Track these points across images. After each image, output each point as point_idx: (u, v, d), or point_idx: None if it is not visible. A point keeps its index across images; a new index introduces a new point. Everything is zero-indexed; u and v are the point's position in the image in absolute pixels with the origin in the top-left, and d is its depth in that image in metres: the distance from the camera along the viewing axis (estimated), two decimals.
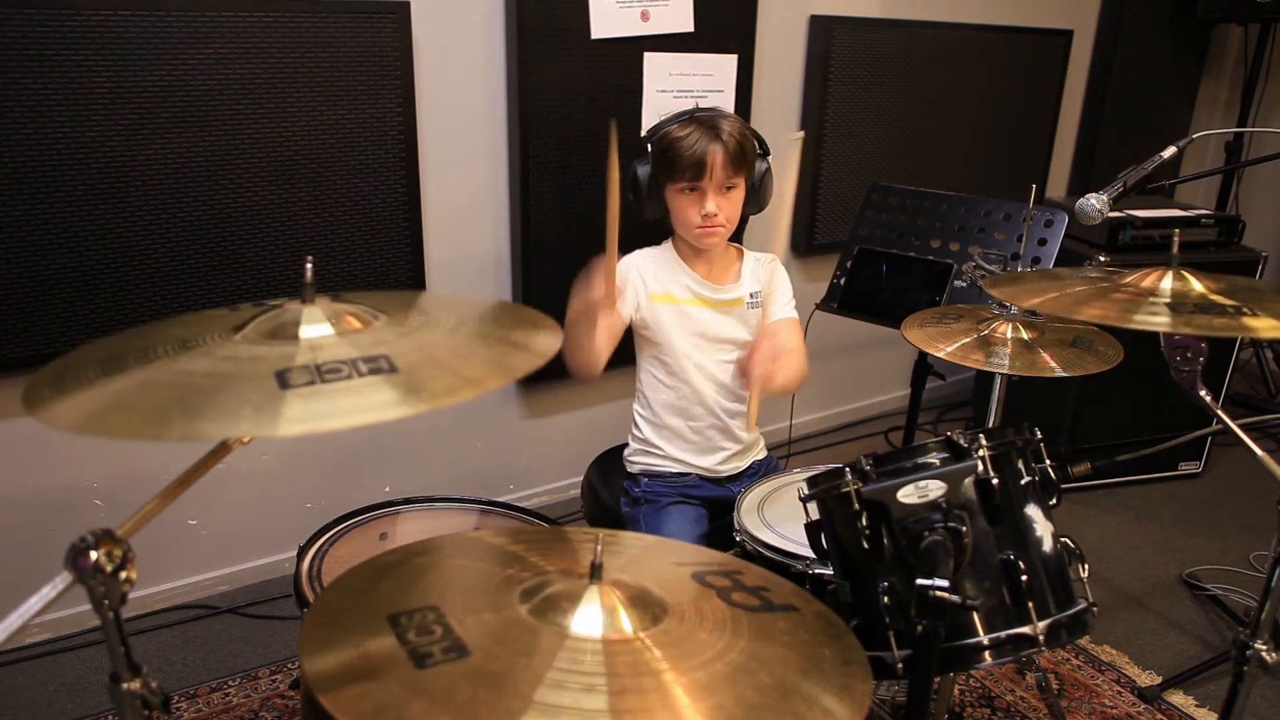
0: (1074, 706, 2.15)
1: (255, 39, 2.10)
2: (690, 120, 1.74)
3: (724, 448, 1.90)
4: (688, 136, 1.71)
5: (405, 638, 0.83)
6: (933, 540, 1.10)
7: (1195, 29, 3.93)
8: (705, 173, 1.70)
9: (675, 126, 1.74)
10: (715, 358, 1.85)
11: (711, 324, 1.84)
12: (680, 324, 1.83)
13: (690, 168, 1.70)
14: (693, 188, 1.73)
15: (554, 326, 1.00)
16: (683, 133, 1.71)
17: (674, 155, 1.71)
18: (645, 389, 1.91)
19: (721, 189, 1.74)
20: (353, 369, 0.81)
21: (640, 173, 1.79)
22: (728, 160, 1.71)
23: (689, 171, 1.71)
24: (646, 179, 1.78)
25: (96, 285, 2.06)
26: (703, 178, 1.71)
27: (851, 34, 3.04)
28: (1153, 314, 1.22)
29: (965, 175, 3.42)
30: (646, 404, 1.91)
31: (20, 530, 2.14)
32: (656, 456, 1.90)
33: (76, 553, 0.78)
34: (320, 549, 1.57)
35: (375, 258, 2.38)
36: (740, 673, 0.84)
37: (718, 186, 1.73)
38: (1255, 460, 1.31)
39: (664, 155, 1.73)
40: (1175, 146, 1.92)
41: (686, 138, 1.71)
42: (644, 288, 1.81)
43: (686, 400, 1.86)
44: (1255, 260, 3.00)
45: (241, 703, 2.06)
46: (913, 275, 2.29)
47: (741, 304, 1.86)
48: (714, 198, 1.73)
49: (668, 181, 1.75)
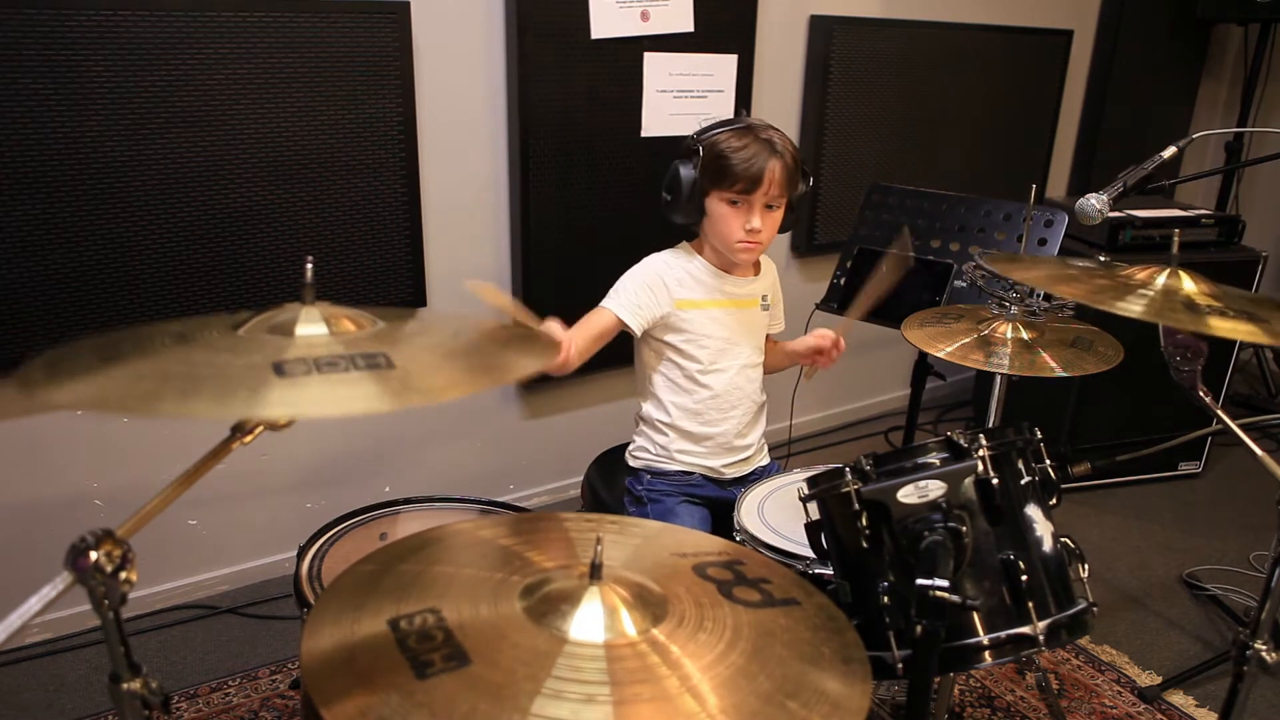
0: (1074, 706, 2.15)
1: (256, 39, 2.09)
2: (747, 130, 1.71)
3: (735, 450, 1.90)
4: (746, 147, 1.68)
5: (406, 644, 0.83)
6: (933, 540, 1.10)
7: (1195, 29, 3.93)
8: (759, 187, 1.68)
9: (731, 134, 1.70)
10: (736, 362, 1.85)
11: (734, 327, 1.84)
12: (705, 329, 1.82)
13: (746, 179, 1.68)
14: (740, 201, 1.71)
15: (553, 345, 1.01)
16: (740, 142, 1.68)
17: (729, 164, 1.68)
18: (659, 391, 1.87)
19: (765, 206, 1.72)
20: (350, 363, 0.81)
21: (684, 174, 1.73)
22: (784, 177, 1.70)
23: (743, 183, 1.68)
24: (690, 182, 1.73)
25: (96, 285, 2.06)
26: (755, 191, 1.69)
27: (851, 34, 3.04)
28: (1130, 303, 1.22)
29: (965, 175, 3.42)
30: (660, 405, 1.87)
31: (20, 530, 2.14)
32: (663, 454, 1.89)
33: (76, 553, 0.78)
34: (320, 549, 1.57)
35: (375, 258, 2.38)
36: (740, 677, 0.84)
37: (765, 203, 1.71)
38: (1255, 460, 1.31)
39: (717, 161, 1.69)
40: (1175, 146, 1.92)
41: (745, 148, 1.68)
42: (668, 295, 1.79)
43: (705, 405, 1.85)
44: (1255, 260, 3.00)
45: (241, 703, 2.06)
46: (913, 275, 2.29)
47: (756, 305, 1.88)
48: (760, 214, 1.71)
49: (714, 189, 1.72)
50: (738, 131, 1.71)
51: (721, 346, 1.83)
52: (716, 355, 1.83)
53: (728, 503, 1.79)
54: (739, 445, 1.89)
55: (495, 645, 0.84)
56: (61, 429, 2.13)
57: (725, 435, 1.87)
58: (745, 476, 1.92)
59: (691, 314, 1.81)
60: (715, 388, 1.83)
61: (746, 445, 1.91)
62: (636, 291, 1.77)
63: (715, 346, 1.83)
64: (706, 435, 1.86)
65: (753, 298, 1.88)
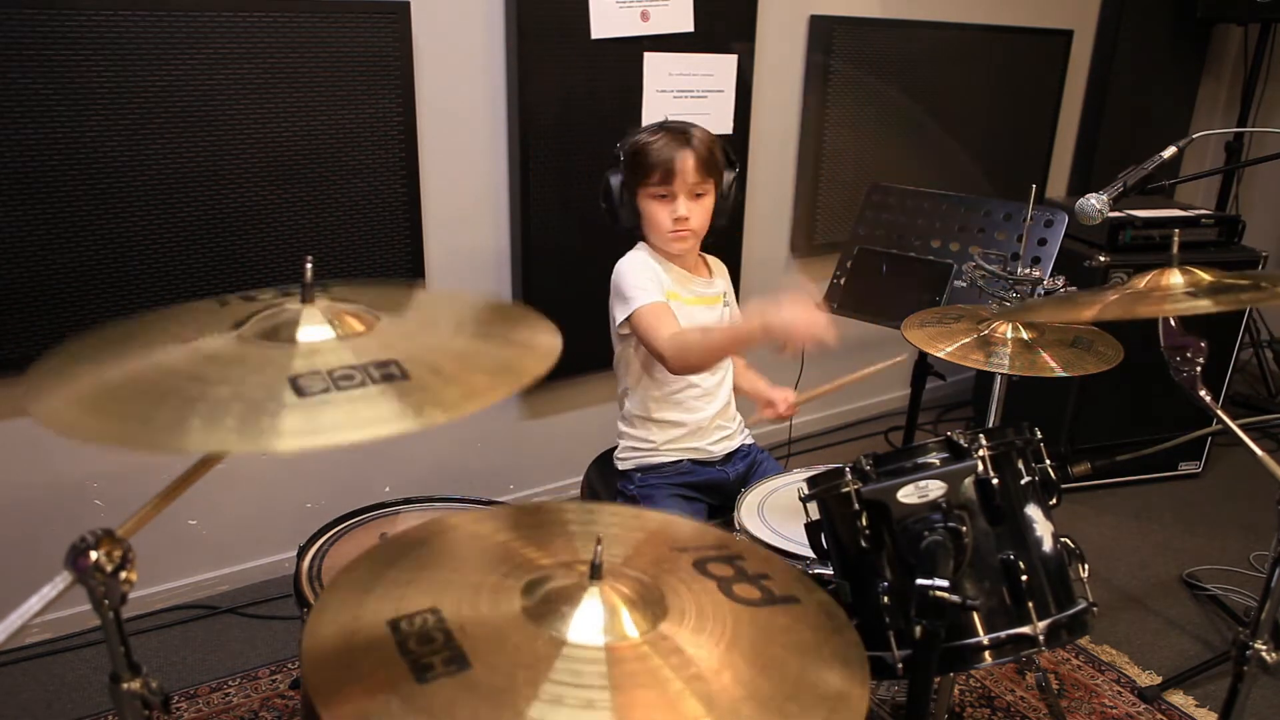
0: (1074, 706, 2.15)
1: (255, 39, 2.10)
2: (660, 128, 1.82)
3: (720, 429, 1.96)
4: (657, 141, 1.79)
5: (406, 646, 0.83)
6: (933, 540, 1.10)
7: (1195, 29, 3.92)
8: (675, 175, 1.76)
9: (645, 134, 1.81)
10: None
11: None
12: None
13: (661, 168, 1.76)
14: (664, 193, 1.79)
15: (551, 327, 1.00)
16: (653, 138, 1.80)
17: (644, 159, 1.78)
18: (642, 386, 1.92)
19: (692, 194, 1.79)
20: (365, 376, 0.82)
21: (613, 181, 1.84)
22: (698, 165, 1.78)
23: (658, 173, 1.77)
24: (619, 186, 1.84)
25: (96, 285, 2.06)
26: (673, 180, 1.77)
27: (851, 34, 3.04)
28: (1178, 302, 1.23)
29: (965, 175, 3.42)
30: (643, 400, 1.93)
31: (20, 530, 2.14)
32: (650, 449, 1.93)
33: (77, 553, 0.78)
34: (320, 549, 1.57)
35: (375, 258, 2.38)
36: (739, 681, 0.83)
37: (688, 191, 1.79)
38: (1255, 460, 1.31)
39: (634, 159, 1.80)
40: (1175, 146, 1.92)
41: (655, 142, 1.79)
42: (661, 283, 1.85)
43: (685, 394, 1.91)
44: (1255, 260, 3.00)
45: (241, 703, 2.06)
46: (913, 275, 2.29)
47: (720, 301, 1.96)
48: (685, 202, 1.79)
49: (639, 186, 1.81)
50: (652, 129, 1.82)
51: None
52: None
53: (722, 482, 1.91)
54: (721, 425, 1.97)
55: (495, 648, 0.83)
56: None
57: (707, 418, 1.93)
58: (734, 454, 1.98)
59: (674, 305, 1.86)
60: (693, 378, 1.90)
61: (727, 423, 1.99)
62: (649, 278, 1.83)
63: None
64: (689, 421, 1.92)
65: (715, 295, 1.95)
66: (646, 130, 1.82)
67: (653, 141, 1.78)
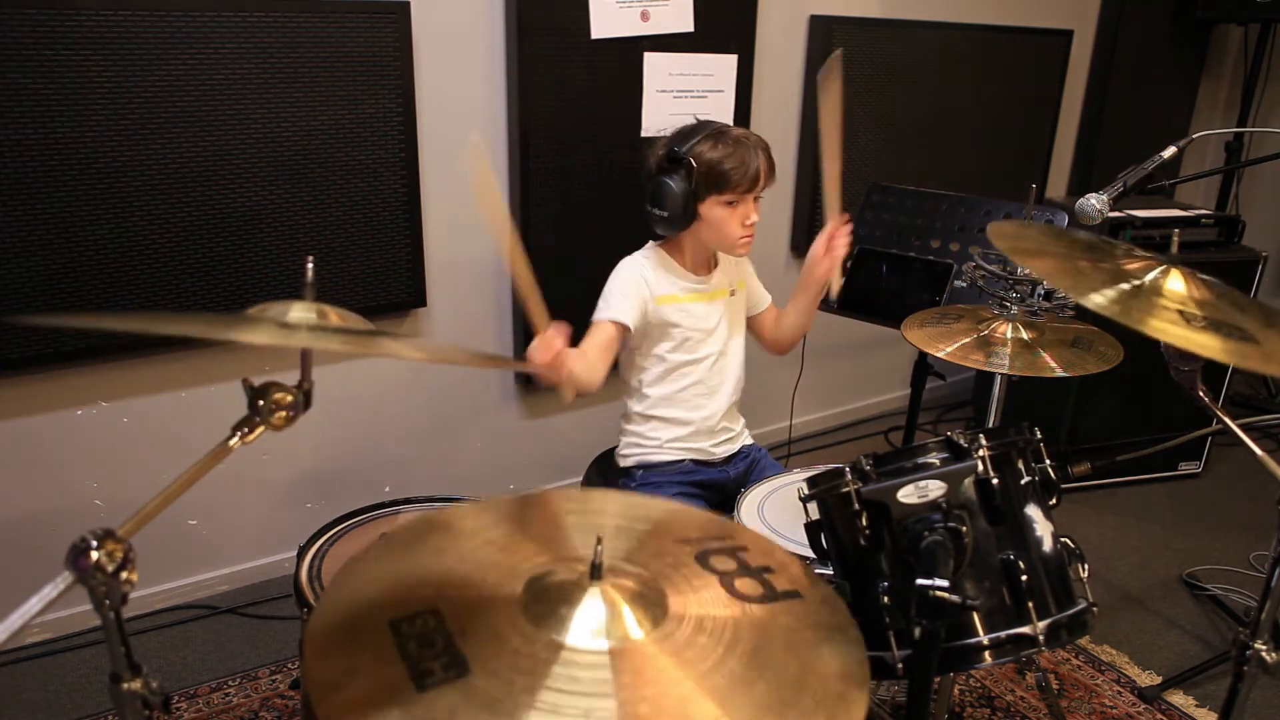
0: (1074, 706, 2.15)
1: (255, 39, 2.10)
2: (724, 135, 1.79)
3: (723, 430, 1.97)
4: (735, 153, 1.77)
5: (406, 649, 0.83)
6: (933, 540, 1.10)
7: (1195, 29, 3.93)
8: (757, 185, 1.80)
9: (711, 144, 1.77)
10: (714, 349, 1.94)
11: (708, 316, 1.93)
12: (683, 319, 1.90)
13: (746, 181, 1.78)
14: (734, 199, 1.80)
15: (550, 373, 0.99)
16: (727, 149, 1.77)
17: (725, 171, 1.77)
18: (644, 384, 1.94)
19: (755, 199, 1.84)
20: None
21: (676, 187, 1.78)
22: (770, 171, 1.82)
23: (743, 185, 1.78)
24: (684, 195, 1.78)
25: (96, 285, 2.06)
26: (753, 190, 1.80)
27: (851, 34, 3.03)
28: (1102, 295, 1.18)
29: (965, 175, 3.42)
30: (646, 398, 1.94)
31: (21, 530, 2.14)
32: (653, 447, 1.94)
33: (77, 553, 0.78)
34: (320, 549, 1.57)
35: (375, 258, 2.38)
36: (739, 684, 0.83)
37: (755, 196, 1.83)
38: (1255, 460, 1.31)
39: (713, 170, 1.77)
40: (1175, 146, 1.92)
41: (734, 154, 1.77)
42: (649, 292, 1.87)
43: (689, 392, 1.92)
44: (1255, 260, 3.00)
45: (241, 703, 2.06)
46: (913, 275, 2.29)
47: (725, 294, 1.96)
48: (754, 207, 1.83)
49: (711, 195, 1.79)
50: (715, 139, 1.78)
51: (700, 336, 1.92)
52: (696, 345, 1.92)
53: (723, 482, 1.93)
54: (725, 426, 1.98)
55: (495, 652, 0.83)
56: (61, 429, 2.14)
57: (711, 418, 1.94)
58: (734, 455, 2.00)
59: (668, 307, 1.89)
60: (697, 374, 1.92)
61: (732, 426, 2.00)
62: (624, 294, 1.85)
63: (695, 336, 1.92)
64: (692, 420, 1.93)
65: (720, 289, 1.96)
66: (707, 138, 1.78)
67: (730, 154, 1.76)
